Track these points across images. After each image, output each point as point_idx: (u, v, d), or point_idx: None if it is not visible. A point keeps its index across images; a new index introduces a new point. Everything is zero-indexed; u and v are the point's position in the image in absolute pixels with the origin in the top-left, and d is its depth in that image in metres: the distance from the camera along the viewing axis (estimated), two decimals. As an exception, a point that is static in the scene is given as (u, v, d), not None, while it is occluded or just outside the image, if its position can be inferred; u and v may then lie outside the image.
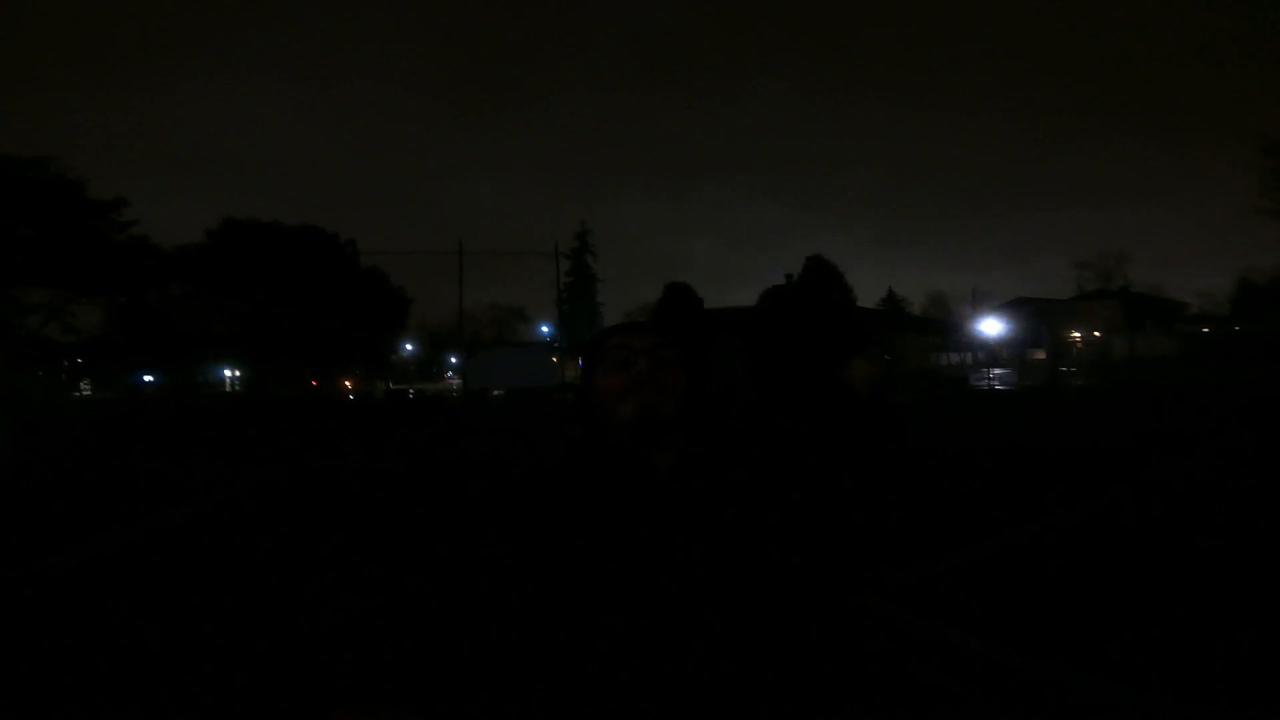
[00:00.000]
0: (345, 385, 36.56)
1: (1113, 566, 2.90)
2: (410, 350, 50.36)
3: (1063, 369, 28.54)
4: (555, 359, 33.06)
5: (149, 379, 36.08)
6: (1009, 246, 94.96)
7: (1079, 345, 39.59)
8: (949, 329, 41.05)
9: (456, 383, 40.30)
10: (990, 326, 35.45)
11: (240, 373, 38.50)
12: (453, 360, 49.56)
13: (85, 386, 38.58)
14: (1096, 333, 40.26)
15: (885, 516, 1.43)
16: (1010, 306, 44.13)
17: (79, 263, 22.12)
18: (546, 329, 43.96)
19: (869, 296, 54.39)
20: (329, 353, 32.65)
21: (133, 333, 28.15)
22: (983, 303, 43.37)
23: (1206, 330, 41.40)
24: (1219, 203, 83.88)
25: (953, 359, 39.40)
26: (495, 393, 30.08)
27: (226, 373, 40.95)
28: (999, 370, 32.62)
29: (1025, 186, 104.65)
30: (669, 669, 0.84)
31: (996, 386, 23.88)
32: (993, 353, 38.60)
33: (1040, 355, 36.57)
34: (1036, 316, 39.73)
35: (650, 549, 0.90)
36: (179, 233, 59.82)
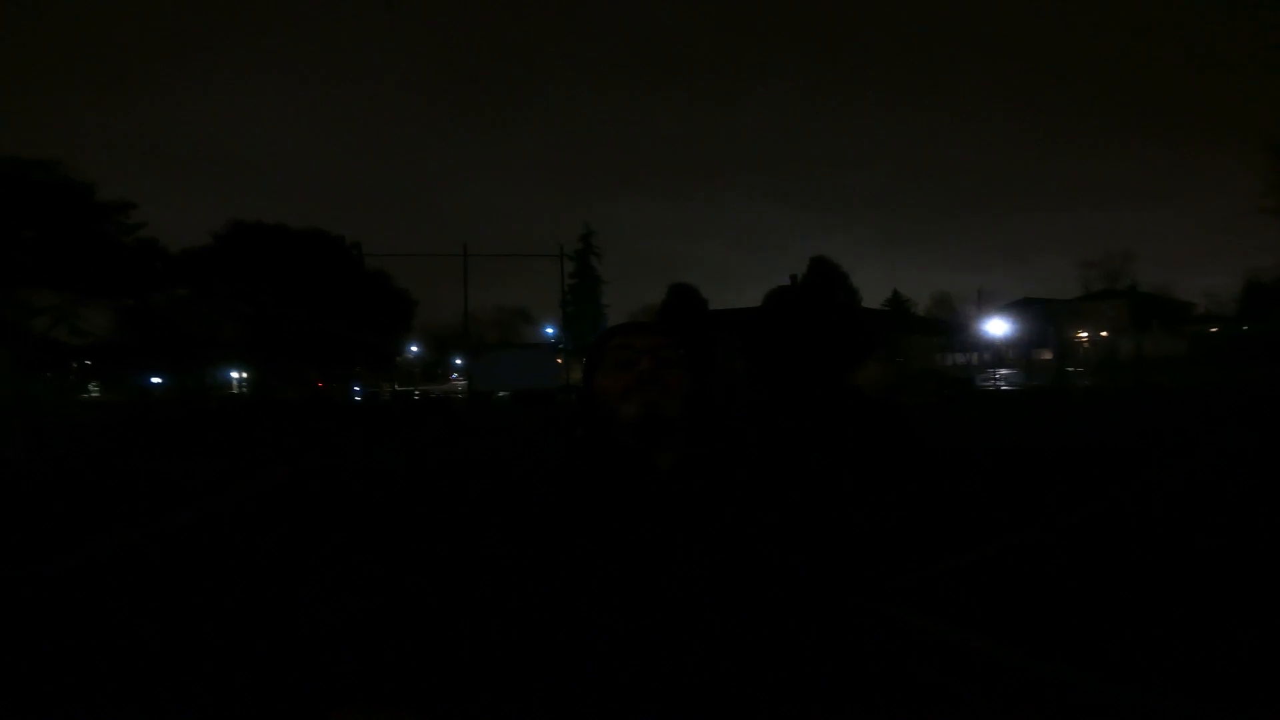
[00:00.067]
0: (353, 386, 36.72)
1: (1112, 567, 2.88)
2: (415, 352, 50.52)
3: (1069, 369, 28.40)
4: (560, 360, 33.08)
5: (157, 381, 36.27)
6: (1010, 246, 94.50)
7: (1085, 345, 39.40)
8: (954, 329, 40.94)
9: (462, 384, 40.40)
10: (996, 327, 35.32)
11: (246, 375, 38.70)
12: (458, 362, 49.67)
13: (94, 389, 38.82)
14: (1103, 333, 40.07)
15: (887, 517, 1.43)
16: (1015, 307, 43.98)
17: (86, 265, 22.30)
18: (551, 330, 44.03)
19: (873, 297, 54.24)
20: (334, 355, 32.80)
21: (140, 335, 28.33)
22: (988, 303, 43.28)
23: (1214, 330, 41.14)
24: (1223, 203, 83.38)
25: (958, 359, 39.26)
26: (500, 394, 30.12)
27: (234, 375, 41.16)
28: (1005, 370, 32.49)
29: (1027, 186, 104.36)
30: (669, 669, 0.84)
31: (1003, 387, 23.81)
32: (998, 353, 38.45)
33: (1046, 355, 36.40)
34: (1042, 317, 39.56)
35: (650, 549, 0.91)
36: (182, 234, 60.14)
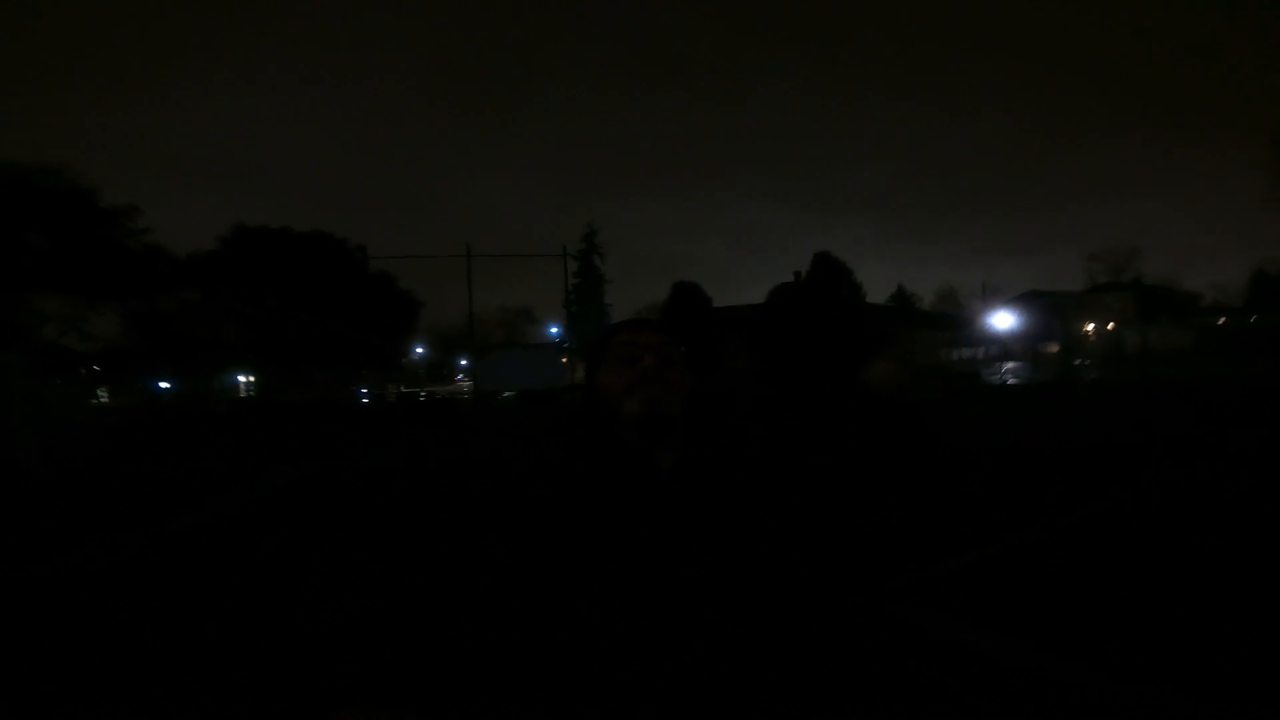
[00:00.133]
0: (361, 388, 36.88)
1: (1113, 567, 2.86)
2: (420, 353, 50.67)
3: (1075, 362, 28.24)
4: (565, 360, 33.13)
5: (165, 386, 36.52)
6: (1015, 242, 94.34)
7: (1092, 338, 39.19)
8: (960, 324, 40.76)
9: (467, 385, 40.54)
10: (1002, 320, 35.15)
11: (254, 379, 38.92)
12: (463, 363, 49.79)
13: (103, 394, 39.12)
14: (1109, 325, 39.84)
15: (888, 517, 1.42)
16: (1022, 300, 43.79)
17: (94, 271, 22.43)
18: (555, 330, 44.08)
19: (877, 293, 54.06)
20: (340, 357, 32.95)
21: (148, 340, 28.52)
22: (993, 297, 43.11)
23: (1222, 321, 40.88)
24: (1228, 196, 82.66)
25: (964, 354, 39.11)
26: (505, 394, 30.20)
27: (241, 379, 41.41)
28: (1011, 364, 32.34)
29: (1029, 182, 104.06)
30: (669, 669, 0.84)
31: (1010, 381, 23.67)
32: (1005, 347, 38.27)
33: (1053, 349, 36.21)
34: (1048, 310, 39.38)
35: (651, 548, 0.90)
36: (186, 237, 60.49)
